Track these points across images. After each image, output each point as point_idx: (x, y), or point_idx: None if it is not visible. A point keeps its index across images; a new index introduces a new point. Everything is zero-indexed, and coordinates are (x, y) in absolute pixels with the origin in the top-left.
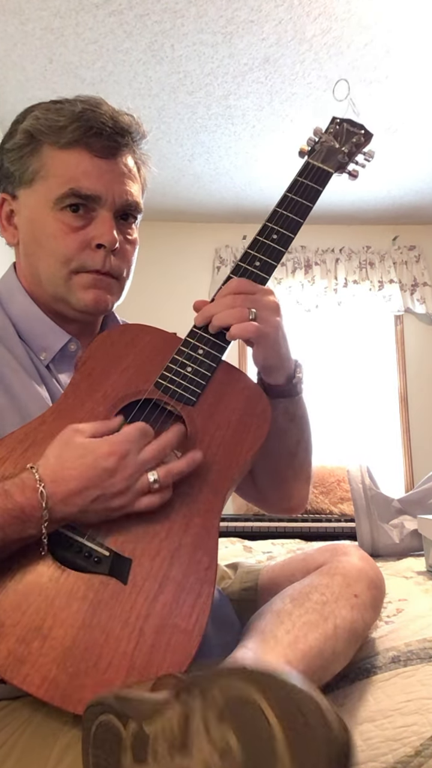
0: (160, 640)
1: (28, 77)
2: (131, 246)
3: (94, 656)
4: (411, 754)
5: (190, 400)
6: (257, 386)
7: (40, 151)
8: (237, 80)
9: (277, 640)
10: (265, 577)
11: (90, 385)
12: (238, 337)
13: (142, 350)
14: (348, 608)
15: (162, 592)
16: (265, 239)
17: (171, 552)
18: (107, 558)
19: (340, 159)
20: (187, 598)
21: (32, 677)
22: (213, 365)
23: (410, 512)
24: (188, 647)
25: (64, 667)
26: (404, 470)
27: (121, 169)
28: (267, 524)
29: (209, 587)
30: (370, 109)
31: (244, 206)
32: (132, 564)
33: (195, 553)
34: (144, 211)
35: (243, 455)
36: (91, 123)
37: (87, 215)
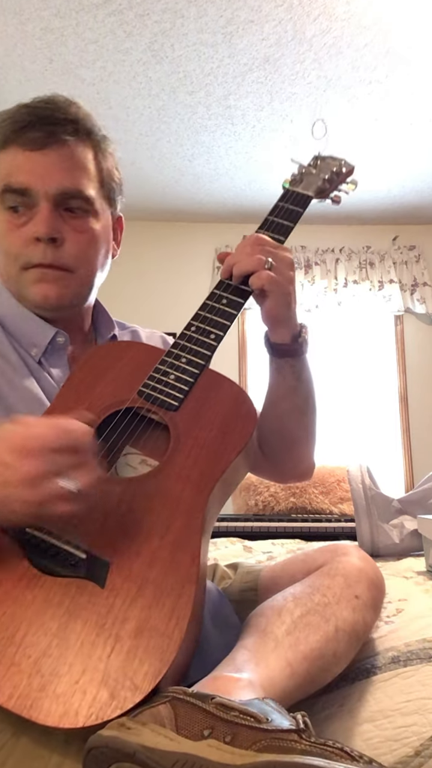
0: (137, 645)
1: (28, 77)
2: (85, 236)
3: (67, 664)
4: (411, 755)
5: (173, 406)
6: (242, 390)
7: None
8: (237, 80)
9: (277, 642)
10: (265, 577)
11: (76, 396)
12: (258, 284)
13: (128, 363)
14: (349, 610)
15: (141, 594)
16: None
17: (151, 553)
18: (84, 561)
19: (320, 185)
20: (167, 600)
21: (2, 688)
22: (196, 371)
23: (410, 512)
24: (167, 652)
25: (35, 677)
26: (404, 470)
27: (54, 159)
28: (267, 524)
29: (191, 587)
30: (369, 110)
31: (244, 206)
32: (110, 567)
33: (176, 553)
34: (144, 211)
35: (227, 455)
36: (17, 118)
37: (29, 211)
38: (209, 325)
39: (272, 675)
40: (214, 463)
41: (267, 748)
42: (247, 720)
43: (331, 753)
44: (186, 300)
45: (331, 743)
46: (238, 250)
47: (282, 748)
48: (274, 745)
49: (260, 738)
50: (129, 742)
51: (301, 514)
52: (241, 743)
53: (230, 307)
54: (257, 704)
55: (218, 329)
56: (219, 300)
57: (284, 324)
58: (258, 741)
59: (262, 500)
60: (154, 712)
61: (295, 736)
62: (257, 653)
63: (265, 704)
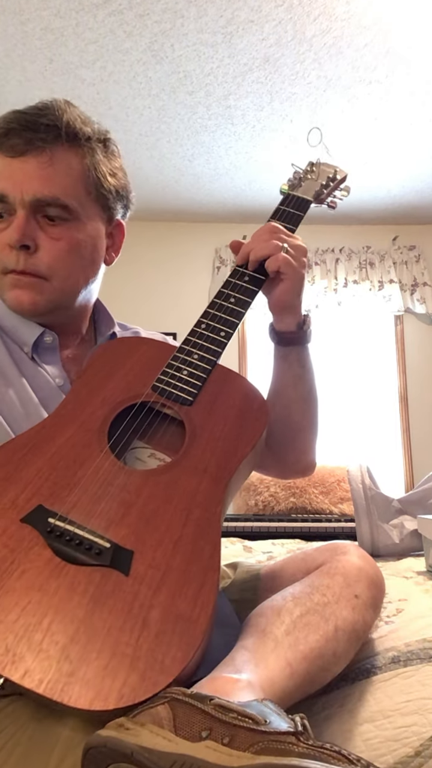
0: (164, 629)
1: (28, 77)
2: (62, 243)
3: (96, 649)
4: (411, 755)
5: (187, 400)
6: (253, 385)
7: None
8: (237, 80)
9: (277, 642)
10: (264, 576)
11: (90, 392)
12: (274, 266)
13: (140, 358)
14: (349, 609)
15: (165, 582)
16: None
17: (173, 542)
18: (108, 549)
19: (317, 191)
20: (191, 587)
21: (32, 674)
22: (208, 367)
23: (410, 512)
24: (193, 636)
25: (65, 662)
26: (404, 470)
27: (32, 166)
28: (267, 524)
29: (213, 574)
30: (369, 110)
31: (244, 206)
32: (134, 555)
33: (197, 542)
34: (144, 211)
35: (242, 448)
36: (2, 124)
37: (9, 217)
38: (219, 322)
39: (272, 675)
40: (230, 455)
41: (264, 751)
42: (245, 722)
43: (328, 756)
44: (186, 300)
45: (329, 746)
46: (254, 238)
47: (279, 751)
48: (271, 747)
49: (258, 740)
50: (127, 743)
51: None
52: (239, 745)
53: (244, 295)
54: (256, 706)
55: (228, 326)
56: (234, 288)
57: (292, 311)
58: (256, 743)
59: (262, 500)
60: (152, 712)
61: (293, 739)
62: (257, 653)
63: (263, 706)
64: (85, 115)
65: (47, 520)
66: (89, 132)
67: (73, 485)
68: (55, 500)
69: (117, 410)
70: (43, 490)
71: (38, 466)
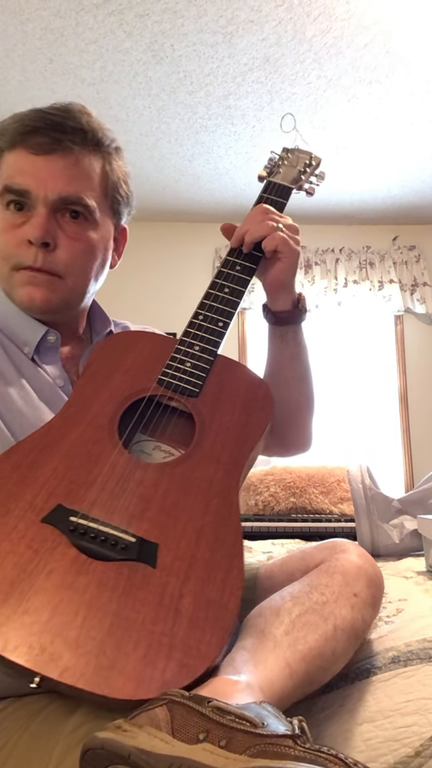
0: (197, 616)
1: (28, 77)
2: (79, 244)
3: (133, 641)
4: (411, 755)
5: (194, 392)
6: (255, 373)
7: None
8: (237, 80)
9: (276, 642)
10: (263, 575)
11: (95, 389)
12: (272, 245)
13: (141, 352)
14: (348, 608)
15: (193, 571)
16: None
17: (195, 533)
18: (134, 544)
19: (296, 177)
20: (218, 574)
21: (71, 670)
22: (210, 358)
23: (410, 512)
24: (225, 621)
25: (103, 655)
26: (404, 470)
27: (59, 165)
28: (267, 524)
29: (239, 560)
30: (369, 110)
31: (244, 206)
32: (159, 548)
33: (219, 531)
34: (144, 211)
35: (253, 435)
36: (27, 122)
37: (28, 213)
38: (216, 313)
39: (271, 676)
40: (241, 444)
41: (261, 753)
42: (242, 724)
43: (324, 759)
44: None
45: (326, 750)
46: (247, 220)
47: (276, 754)
48: (268, 750)
49: (255, 743)
50: (124, 745)
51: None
52: (235, 748)
53: (238, 284)
54: (254, 708)
55: (225, 316)
56: (227, 278)
57: (287, 290)
58: (252, 746)
59: (262, 500)
60: (150, 714)
61: (290, 742)
62: (256, 654)
63: (262, 708)
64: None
65: (69, 518)
66: (108, 139)
67: (90, 483)
68: (74, 499)
69: (125, 405)
70: (60, 490)
71: (52, 466)
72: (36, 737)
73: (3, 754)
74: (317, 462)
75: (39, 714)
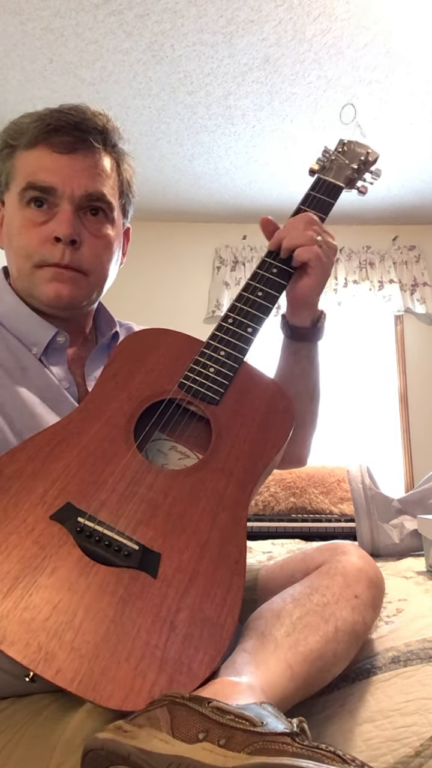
0: (192, 632)
1: (28, 77)
2: (102, 241)
3: (126, 650)
4: (411, 755)
5: (214, 399)
6: (279, 385)
7: (13, 155)
8: (237, 80)
9: (277, 644)
10: (264, 576)
11: (116, 386)
12: (305, 257)
13: (166, 352)
14: (349, 609)
15: (192, 585)
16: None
17: (200, 546)
18: (137, 552)
19: (349, 175)
20: (218, 591)
21: (64, 672)
22: (235, 365)
23: (410, 512)
24: (220, 640)
25: (96, 661)
26: (404, 470)
27: (82, 163)
28: (267, 524)
29: (239, 579)
30: (369, 109)
31: (244, 206)
32: (161, 558)
33: (223, 546)
34: (144, 211)
35: (268, 452)
36: (49, 121)
37: (50, 210)
38: (246, 317)
39: (272, 677)
40: (256, 459)
41: (259, 751)
42: (241, 723)
43: (322, 756)
44: (186, 300)
45: (324, 747)
46: (289, 225)
47: (274, 751)
48: (266, 747)
49: (254, 741)
50: (124, 744)
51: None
52: (234, 746)
53: (273, 288)
54: (254, 709)
55: (255, 322)
56: (262, 280)
57: (309, 307)
58: (251, 744)
59: (262, 500)
60: (150, 715)
61: (288, 740)
62: (257, 656)
63: (262, 709)
64: None
65: (76, 518)
66: (122, 140)
67: (101, 483)
68: (83, 498)
69: (143, 406)
70: (71, 487)
71: (66, 462)
72: (37, 738)
73: (3, 754)
74: (317, 462)
75: (40, 714)
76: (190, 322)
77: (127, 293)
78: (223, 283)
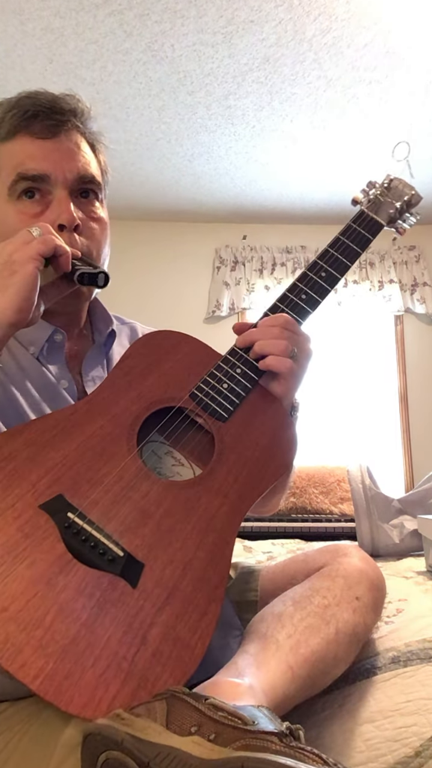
0: (162, 650)
1: (28, 77)
2: (98, 224)
3: (93, 656)
4: (411, 755)
5: (222, 416)
6: (287, 413)
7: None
8: (237, 80)
9: (278, 645)
10: (265, 577)
11: (127, 383)
12: (273, 368)
13: (183, 359)
14: (350, 611)
15: (169, 603)
16: (314, 275)
17: (183, 563)
18: (121, 558)
19: (391, 214)
20: (193, 614)
21: (28, 668)
22: (249, 386)
23: (410, 512)
24: (189, 662)
25: (61, 662)
26: (404, 470)
27: (67, 146)
28: (267, 524)
29: (216, 606)
30: (369, 109)
31: (244, 206)
32: (144, 569)
33: (206, 569)
34: (144, 211)
35: (266, 480)
36: (26, 107)
37: (43, 199)
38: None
39: (273, 679)
40: (253, 485)
41: (244, 747)
42: (233, 721)
43: (304, 756)
44: (186, 300)
45: (309, 749)
46: (263, 327)
47: (258, 747)
48: (251, 744)
49: (241, 737)
50: (119, 731)
51: (301, 514)
52: (223, 741)
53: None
54: (249, 709)
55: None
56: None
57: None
58: (239, 740)
59: None
60: (149, 706)
61: (275, 739)
62: (258, 657)
63: (257, 710)
64: None
65: (66, 513)
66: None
67: (96, 481)
68: (76, 493)
69: (151, 410)
70: (65, 479)
71: (64, 453)
72: (36, 740)
73: (3, 755)
74: (317, 462)
75: (39, 716)
76: (190, 322)
77: (128, 293)
78: (223, 283)
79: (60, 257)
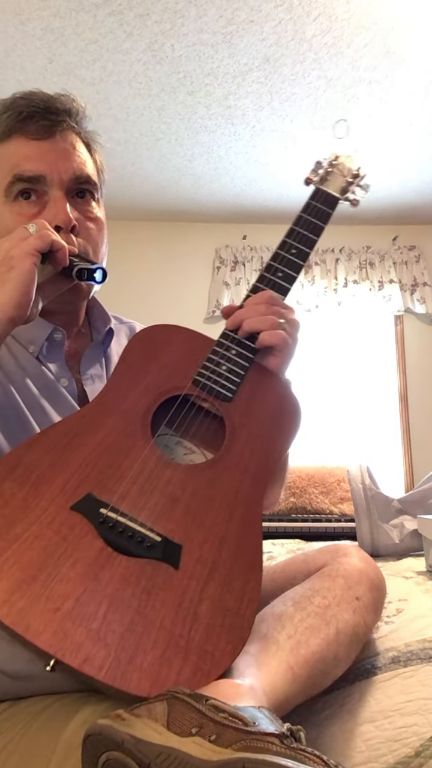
0: (214, 623)
1: (28, 77)
2: (94, 224)
3: (152, 639)
4: (411, 755)
5: (227, 397)
6: (287, 384)
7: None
8: (237, 80)
9: (279, 646)
10: (265, 578)
11: (131, 380)
12: (267, 343)
13: (179, 349)
14: (350, 612)
15: (213, 577)
16: (285, 253)
17: (219, 539)
18: (159, 543)
19: (344, 186)
20: (237, 584)
21: (92, 660)
22: (246, 364)
23: (410, 512)
24: (241, 630)
25: (122, 650)
26: (404, 470)
27: (62, 146)
28: (267, 524)
29: (257, 573)
30: (370, 110)
31: (244, 206)
32: (182, 550)
33: (240, 541)
34: (144, 211)
35: (279, 448)
36: (21, 108)
37: (40, 200)
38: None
39: (274, 679)
40: (268, 455)
41: (244, 748)
42: (234, 722)
43: (304, 757)
44: (186, 300)
45: (310, 750)
46: (249, 306)
47: (258, 748)
48: (252, 745)
49: (242, 738)
50: (119, 731)
51: (301, 514)
52: (223, 742)
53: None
54: (250, 711)
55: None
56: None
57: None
58: (239, 741)
59: None
60: (150, 707)
61: (276, 740)
62: (259, 658)
63: (258, 711)
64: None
65: (98, 510)
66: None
67: (120, 476)
68: (104, 489)
69: (159, 400)
70: (91, 479)
71: (85, 454)
72: (36, 740)
73: (4, 755)
74: (317, 462)
75: (39, 717)
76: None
77: (127, 293)
78: (223, 283)
79: (57, 252)
